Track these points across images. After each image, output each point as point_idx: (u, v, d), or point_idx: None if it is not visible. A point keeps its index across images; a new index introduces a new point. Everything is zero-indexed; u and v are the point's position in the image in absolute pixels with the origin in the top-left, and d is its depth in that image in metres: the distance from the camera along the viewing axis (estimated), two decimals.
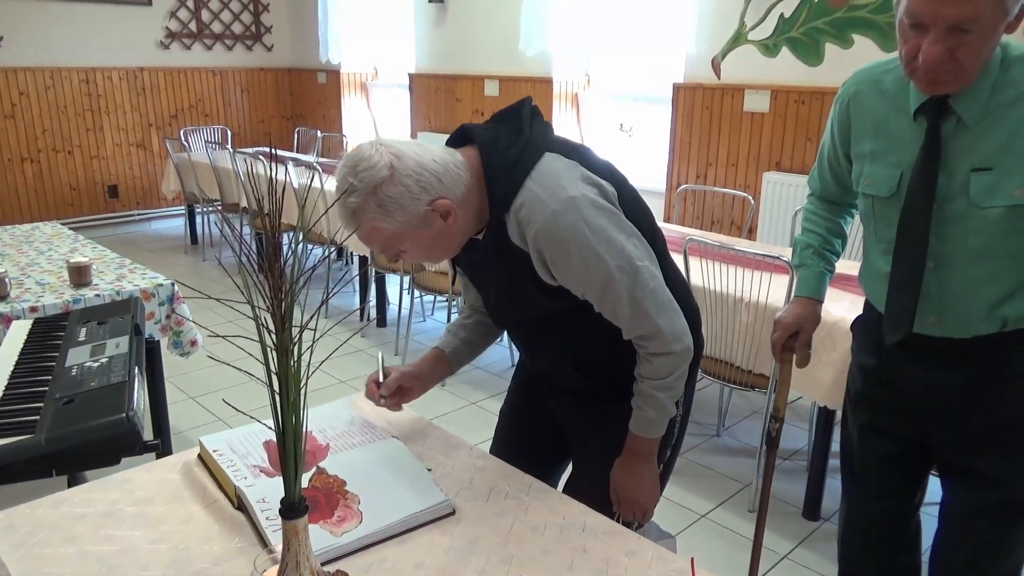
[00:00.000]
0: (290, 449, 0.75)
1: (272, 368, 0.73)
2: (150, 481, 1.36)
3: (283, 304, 0.70)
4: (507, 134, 1.30)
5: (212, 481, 1.34)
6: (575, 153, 1.33)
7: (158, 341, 2.58)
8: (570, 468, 1.67)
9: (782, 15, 3.99)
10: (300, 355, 0.74)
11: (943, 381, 1.47)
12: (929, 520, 1.72)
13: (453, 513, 1.27)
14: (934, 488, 2.52)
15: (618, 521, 1.42)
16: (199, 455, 1.42)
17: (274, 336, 0.69)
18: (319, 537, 1.15)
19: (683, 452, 3.05)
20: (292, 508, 0.78)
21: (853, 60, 3.74)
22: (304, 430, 0.76)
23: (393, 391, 1.52)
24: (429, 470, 1.37)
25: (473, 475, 1.39)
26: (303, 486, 1.26)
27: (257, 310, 0.70)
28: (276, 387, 0.73)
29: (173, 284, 2.57)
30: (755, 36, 4.12)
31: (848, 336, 1.74)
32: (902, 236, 1.40)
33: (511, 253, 1.30)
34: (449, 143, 1.35)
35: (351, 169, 1.21)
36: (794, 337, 1.65)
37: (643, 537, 1.24)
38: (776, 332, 1.65)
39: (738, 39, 4.20)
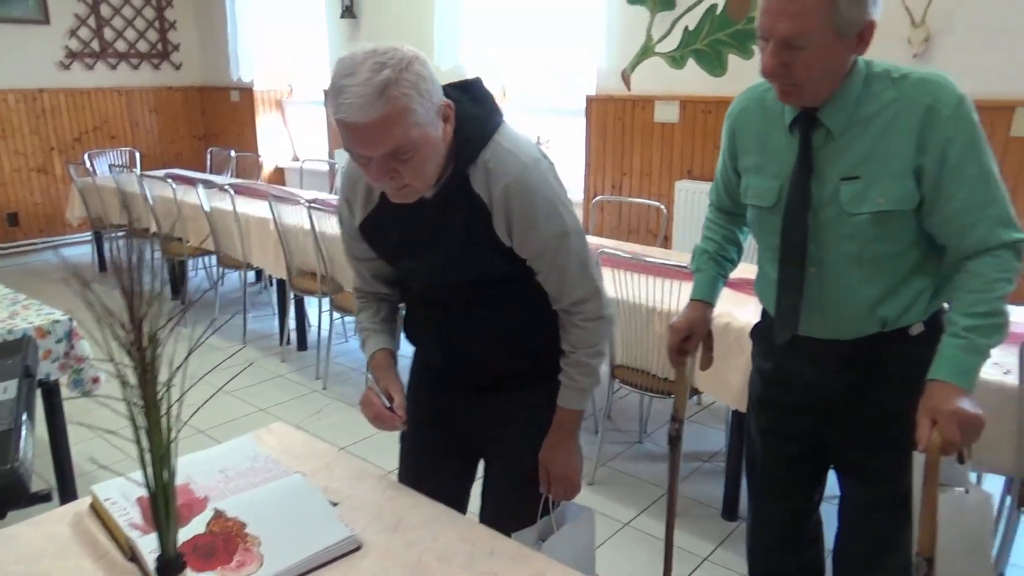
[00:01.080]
0: (161, 506, 0.72)
1: (138, 423, 0.70)
2: (38, 535, 1.29)
3: (146, 356, 0.67)
4: (471, 102, 1.33)
5: (104, 532, 1.29)
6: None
7: (56, 380, 2.46)
8: (481, 473, 1.65)
9: (687, 28, 4.11)
10: (170, 407, 0.71)
11: (831, 381, 1.54)
12: (832, 514, 1.78)
13: (359, 548, 1.25)
14: (833, 483, 2.61)
15: (547, 504, 1.50)
16: (91, 505, 1.36)
17: (138, 390, 0.67)
18: None
19: (606, 461, 3.09)
20: (169, 566, 0.75)
21: (754, 70, 3.86)
22: (174, 485, 0.73)
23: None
24: (335, 504, 1.34)
25: (382, 506, 1.37)
26: (200, 531, 1.23)
27: (120, 366, 0.68)
28: (144, 443, 0.71)
29: (71, 320, 2.45)
30: (662, 49, 4.22)
31: (745, 341, 1.80)
32: (784, 243, 1.48)
33: (471, 205, 1.30)
34: None
35: (371, 54, 1.15)
36: (688, 340, 1.71)
37: (551, 560, 1.24)
38: (670, 337, 1.71)
39: (646, 52, 4.30)
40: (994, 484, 2.65)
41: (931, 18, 3.34)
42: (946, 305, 1.46)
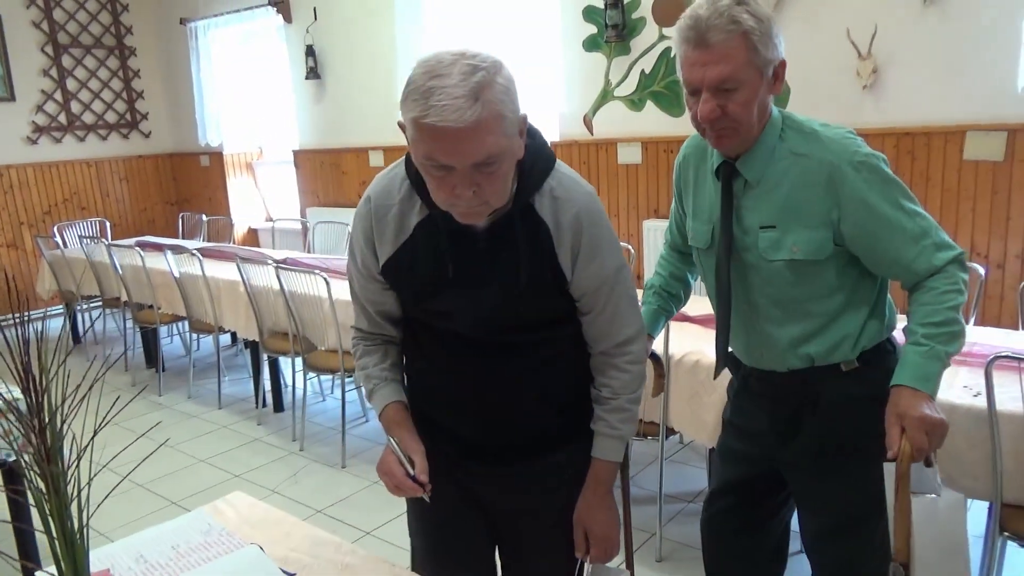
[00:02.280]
0: None
1: (45, 510, 0.67)
2: None
3: (47, 443, 0.64)
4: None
5: None
6: None
7: (16, 460, 2.40)
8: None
9: (643, 71, 4.18)
10: (79, 491, 0.68)
11: (774, 411, 1.61)
12: None
13: None
14: None
15: (580, 569, 1.41)
16: None
17: (39, 478, 0.64)
18: None
19: None
20: None
21: None
22: (88, 570, 0.70)
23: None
24: (291, 575, 1.30)
25: (340, 574, 1.33)
26: None
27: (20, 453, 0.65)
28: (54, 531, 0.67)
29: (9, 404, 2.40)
30: (621, 92, 4.29)
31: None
32: (716, 283, 1.55)
33: (536, 233, 1.22)
34: None
35: (459, 55, 1.07)
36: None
37: None
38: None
39: (605, 96, 4.37)
40: (977, 510, 2.63)
41: (877, 51, 3.43)
42: (897, 336, 1.53)
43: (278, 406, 4.30)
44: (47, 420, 0.65)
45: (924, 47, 3.32)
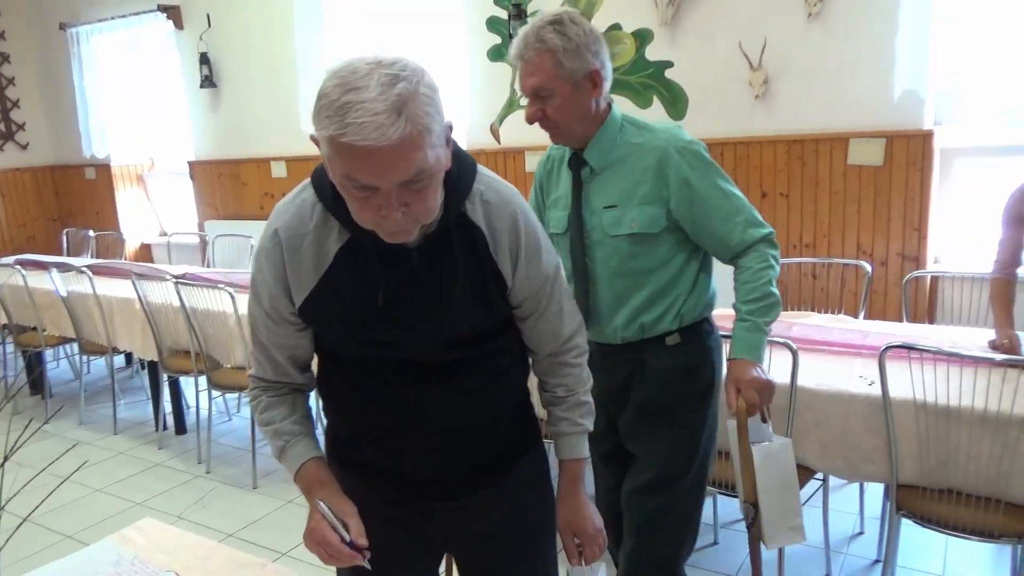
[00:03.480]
0: None
1: None
2: None
3: None
4: None
5: None
6: None
7: None
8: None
9: None
10: None
11: (610, 380, 1.79)
12: (737, 536, 1.78)
13: None
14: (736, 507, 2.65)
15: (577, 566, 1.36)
16: None
17: None
18: None
19: None
20: None
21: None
22: None
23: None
24: None
25: None
26: None
27: None
28: None
29: None
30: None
31: None
32: (572, 262, 1.75)
33: (472, 241, 1.15)
34: None
35: (375, 64, 0.96)
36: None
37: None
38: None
39: (511, 105, 4.41)
40: (874, 492, 2.79)
41: (767, 62, 3.61)
42: (714, 314, 1.83)
43: (180, 428, 4.10)
44: None
45: (810, 59, 3.52)
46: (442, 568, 1.53)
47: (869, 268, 2.99)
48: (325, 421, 1.38)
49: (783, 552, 2.22)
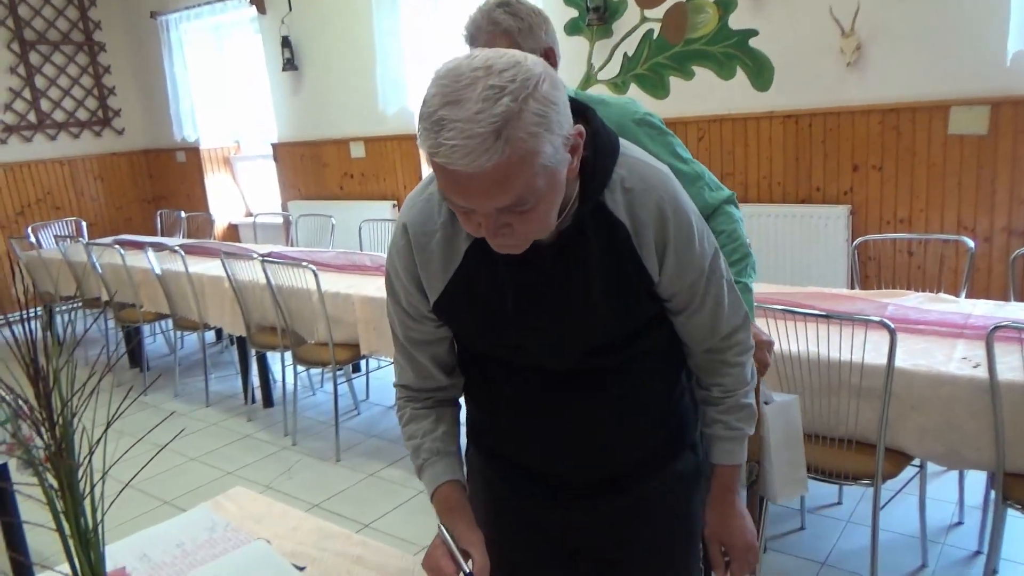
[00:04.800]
0: None
1: (58, 508, 0.64)
2: None
3: (57, 436, 0.61)
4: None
5: None
6: None
7: (5, 464, 2.34)
8: None
9: (625, 54, 4.16)
10: (92, 487, 0.65)
11: None
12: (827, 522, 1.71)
13: None
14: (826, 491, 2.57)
15: None
16: None
17: (51, 475, 0.60)
18: None
19: None
20: None
21: (696, 90, 3.92)
22: (104, 571, 0.66)
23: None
24: (301, 569, 1.27)
25: (351, 566, 1.30)
26: None
27: (32, 448, 0.61)
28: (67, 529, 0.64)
29: (16, 399, 2.33)
30: (604, 76, 4.27)
31: None
32: None
33: (611, 236, 1.02)
34: None
35: (482, 71, 0.83)
36: None
37: None
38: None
39: (589, 80, 4.34)
40: (977, 480, 2.65)
41: (860, 27, 3.43)
42: None
43: (268, 401, 4.25)
44: (59, 413, 0.62)
45: (908, 21, 3.32)
46: None
47: (972, 244, 2.82)
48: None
49: (876, 541, 2.13)
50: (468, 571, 1.03)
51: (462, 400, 1.26)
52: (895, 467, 2.09)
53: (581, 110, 1.00)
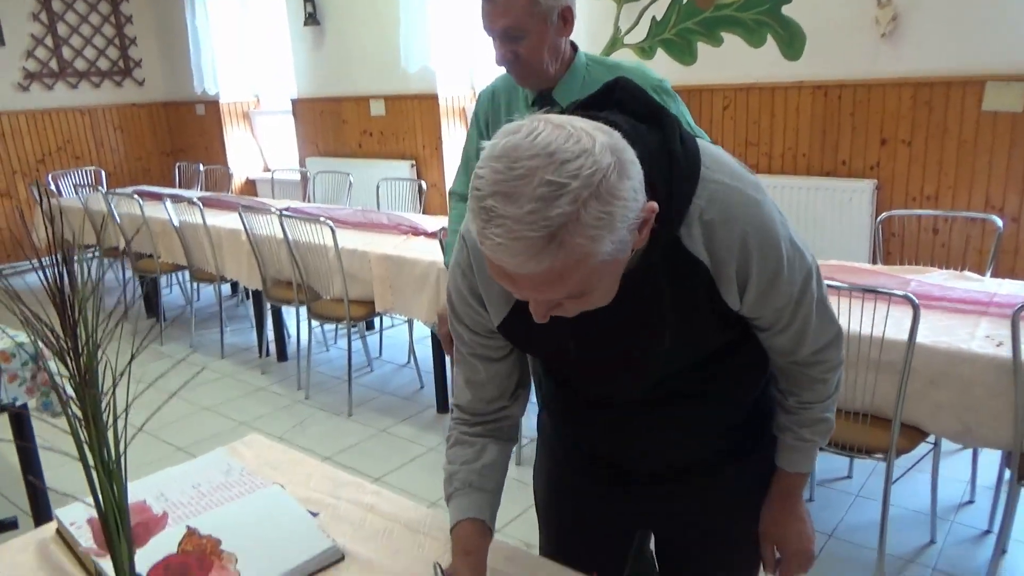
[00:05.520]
0: (112, 526, 0.66)
1: (82, 438, 0.64)
2: (1, 565, 1.21)
3: (82, 363, 0.61)
4: (641, 123, 0.88)
5: (71, 559, 1.21)
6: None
7: (25, 404, 2.37)
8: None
9: (654, 18, 4.07)
10: (115, 419, 0.65)
11: None
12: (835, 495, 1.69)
13: (342, 559, 1.18)
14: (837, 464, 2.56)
15: None
16: (57, 531, 1.28)
17: (75, 402, 0.60)
18: None
19: None
20: None
21: (724, 57, 3.84)
22: (126, 503, 0.66)
23: None
24: (315, 515, 1.28)
25: (364, 514, 1.31)
26: (172, 551, 1.16)
27: (58, 377, 0.61)
28: (89, 459, 0.64)
29: (36, 341, 2.36)
30: (630, 40, 4.19)
31: None
32: None
33: (688, 274, 0.92)
34: None
35: (543, 159, 0.72)
36: None
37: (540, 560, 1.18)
38: (442, 327, 1.73)
39: (615, 44, 4.26)
40: (990, 460, 2.64)
41: None
42: None
43: (282, 355, 4.28)
44: (84, 343, 0.61)
45: None
46: None
47: (1000, 223, 2.76)
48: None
49: (887, 513, 2.13)
50: None
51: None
52: (910, 442, 2.08)
53: (657, 119, 0.88)
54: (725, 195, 0.89)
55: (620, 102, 0.89)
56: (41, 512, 2.43)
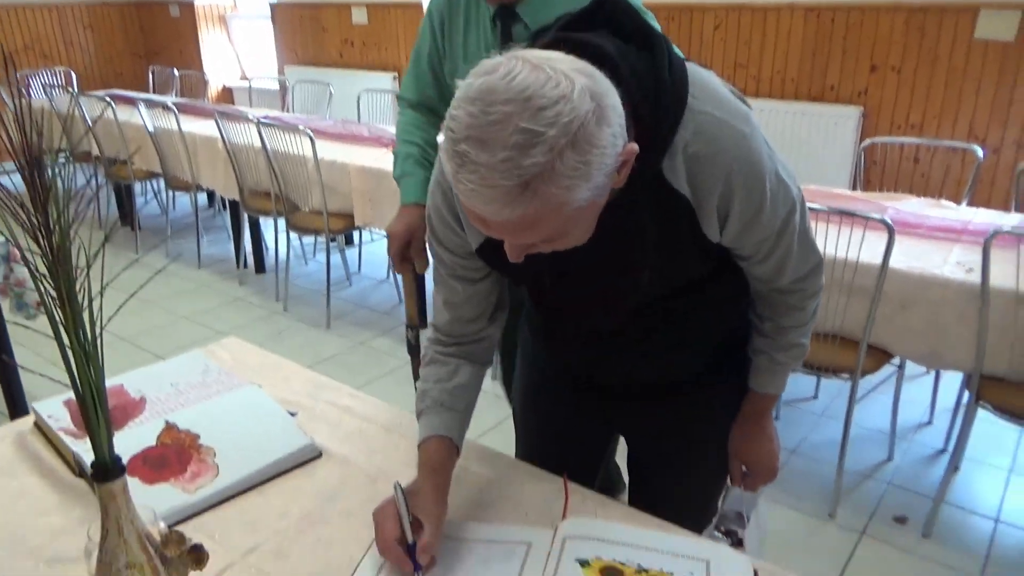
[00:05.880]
0: (90, 405, 0.66)
1: (58, 317, 0.64)
2: None
3: (54, 240, 0.60)
4: (628, 44, 0.85)
5: (50, 450, 1.23)
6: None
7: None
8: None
9: None
10: (91, 300, 0.64)
11: None
12: (801, 414, 1.74)
13: (319, 456, 1.21)
14: (804, 386, 2.62)
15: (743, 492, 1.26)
16: (35, 423, 1.30)
17: (49, 279, 0.60)
18: (170, 496, 1.07)
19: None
20: (105, 470, 0.70)
21: None
22: (103, 382, 0.67)
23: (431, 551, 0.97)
24: (293, 414, 1.30)
25: (341, 415, 1.33)
26: (150, 443, 1.18)
27: (31, 255, 0.60)
28: (66, 338, 0.64)
29: (7, 242, 2.33)
30: None
31: None
32: None
33: (669, 208, 0.90)
34: None
35: (519, 104, 0.69)
36: (410, 245, 1.68)
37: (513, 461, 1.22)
38: (392, 245, 1.67)
39: None
40: (950, 384, 2.73)
41: None
42: None
43: (260, 268, 4.26)
44: (55, 220, 0.61)
45: None
46: None
47: (980, 153, 2.77)
48: None
49: (849, 428, 2.21)
50: (412, 542, 0.94)
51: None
52: (875, 363, 2.14)
53: (647, 42, 0.85)
54: (712, 128, 0.86)
55: (609, 20, 0.86)
56: (17, 408, 2.45)
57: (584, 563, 0.94)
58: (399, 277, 3.93)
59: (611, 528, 1.01)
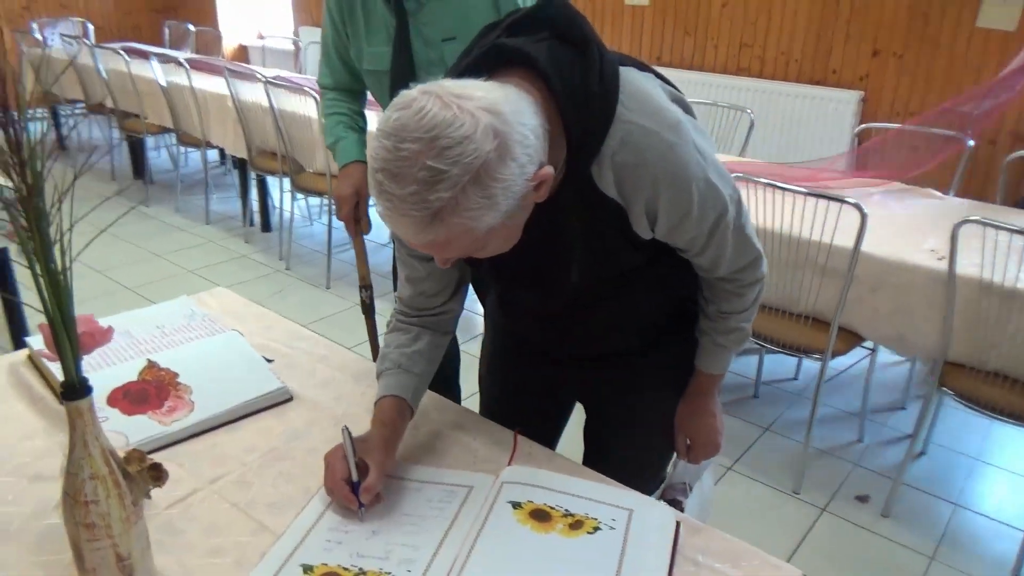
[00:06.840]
0: (59, 328, 0.74)
1: (30, 248, 0.71)
2: None
3: (27, 174, 0.68)
4: (565, 49, 0.90)
5: (40, 380, 1.32)
6: (630, 59, 1.00)
7: (5, 248, 2.45)
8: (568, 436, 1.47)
9: None
10: (62, 234, 0.72)
11: None
12: (780, 394, 1.77)
13: (290, 399, 1.29)
14: (785, 367, 2.66)
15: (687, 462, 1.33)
16: (28, 356, 1.39)
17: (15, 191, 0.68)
18: (146, 427, 1.16)
19: None
20: (72, 389, 0.78)
21: None
22: (71, 309, 0.75)
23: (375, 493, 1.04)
24: (270, 361, 1.38)
25: (315, 364, 1.41)
26: (132, 379, 1.26)
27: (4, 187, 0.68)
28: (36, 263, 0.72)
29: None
30: None
31: None
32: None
33: (600, 212, 0.95)
34: (479, 67, 0.90)
35: (426, 142, 0.76)
36: (358, 205, 1.76)
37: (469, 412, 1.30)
38: (341, 209, 1.74)
39: None
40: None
41: None
42: None
43: (265, 226, 4.35)
44: (28, 155, 0.68)
45: None
46: None
47: (970, 143, 2.80)
48: None
49: (815, 412, 2.27)
50: (356, 480, 1.02)
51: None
52: (846, 345, 2.20)
53: (583, 47, 0.89)
54: (638, 137, 0.90)
55: (553, 22, 0.91)
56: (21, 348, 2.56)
57: (516, 505, 1.02)
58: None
59: (546, 475, 1.09)
